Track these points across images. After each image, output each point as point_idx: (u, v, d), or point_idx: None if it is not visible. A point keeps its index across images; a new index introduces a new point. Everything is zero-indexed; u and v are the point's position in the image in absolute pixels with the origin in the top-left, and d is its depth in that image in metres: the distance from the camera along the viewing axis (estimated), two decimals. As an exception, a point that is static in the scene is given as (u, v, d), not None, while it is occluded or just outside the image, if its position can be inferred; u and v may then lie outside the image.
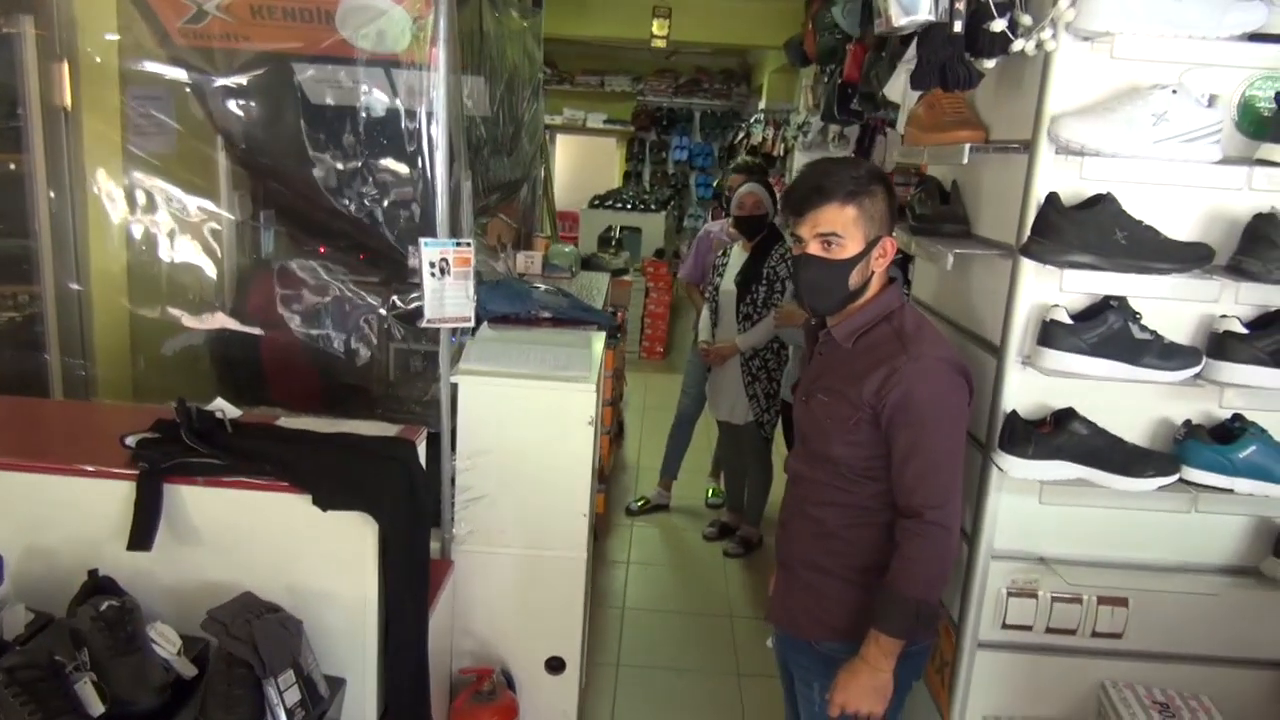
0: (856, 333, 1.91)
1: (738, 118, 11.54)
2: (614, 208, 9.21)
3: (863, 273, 1.87)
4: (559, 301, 3.33)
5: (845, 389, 1.88)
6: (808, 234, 1.86)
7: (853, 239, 1.84)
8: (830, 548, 1.97)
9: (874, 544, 1.91)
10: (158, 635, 1.69)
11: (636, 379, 6.92)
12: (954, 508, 1.83)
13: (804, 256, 1.88)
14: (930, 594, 1.83)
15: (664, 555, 4.50)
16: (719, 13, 7.87)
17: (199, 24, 2.86)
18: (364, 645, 1.91)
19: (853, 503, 1.93)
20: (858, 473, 1.90)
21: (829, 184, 1.83)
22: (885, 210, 1.87)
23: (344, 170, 2.94)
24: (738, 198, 4.13)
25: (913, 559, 1.81)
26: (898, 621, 1.81)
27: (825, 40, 4.93)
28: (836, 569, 1.97)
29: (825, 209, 1.83)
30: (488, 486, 2.67)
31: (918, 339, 1.85)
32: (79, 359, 3.25)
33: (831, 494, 1.95)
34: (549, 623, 2.80)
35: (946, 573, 1.86)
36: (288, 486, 1.81)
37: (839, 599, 1.96)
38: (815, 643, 2.01)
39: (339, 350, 3.12)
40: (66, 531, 1.84)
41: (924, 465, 1.81)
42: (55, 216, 3.24)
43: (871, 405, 1.83)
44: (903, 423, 1.81)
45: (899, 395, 1.80)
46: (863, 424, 1.86)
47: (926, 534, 1.80)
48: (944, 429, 1.83)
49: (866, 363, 1.86)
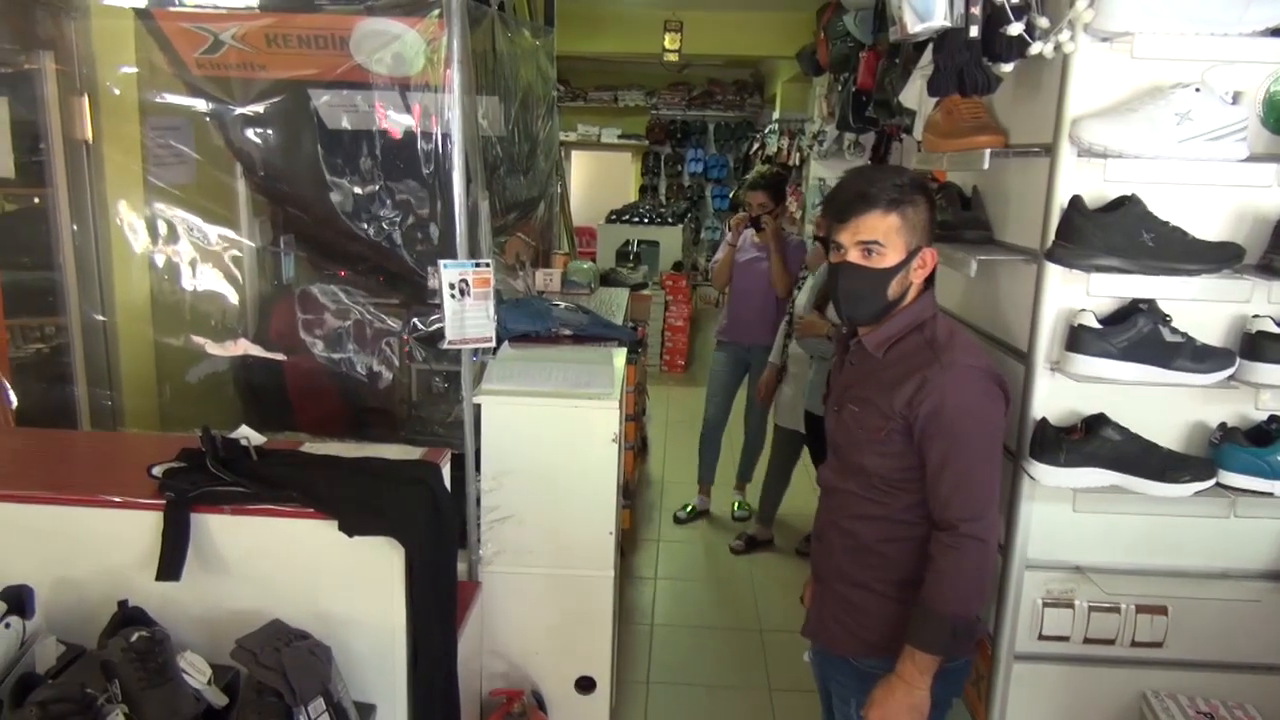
0: (888, 342, 1.87)
1: (752, 128, 11.56)
2: (631, 222, 9.22)
3: (902, 283, 1.84)
4: (579, 318, 3.33)
5: (876, 399, 1.84)
6: (848, 241, 1.83)
7: (894, 248, 1.80)
8: (865, 562, 1.93)
9: (910, 558, 1.86)
10: (188, 665, 1.69)
11: (658, 393, 6.91)
12: (990, 520, 1.78)
13: (843, 264, 1.85)
14: (966, 609, 1.78)
15: (691, 570, 4.47)
16: (730, 25, 7.88)
17: (215, 54, 2.89)
18: (393, 671, 1.90)
19: (887, 515, 1.89)
20: (891, 484, 1.87)
21: (873, 191, 1.79)
22: (927, 220, 1.84)
23: (362, 194, 2.96)
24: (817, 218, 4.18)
25: (947, 573, 1.76)
26: (933, 638, 1.76)
27: (838, 48, 4.93)
28: (872, 583, 1.92)
29: (868, 216, 1.80)
30: (513, 506, 2.66)
31: (950, 347, 1.80)
32: (105, 389, 3.28)
33: (865, 506, 1.91)
34: (578, 642, 2.78)
35: (984, 587, 1.82)
36: (314, 513, 1.81)
37: (875, 614, 1.92)
38: (852, 659, 1.97)
39: (361, 373, 3.14)
40: (95, 563, 1.85)
41: (958, 476, 1.77)
42: (79, 248, 3.28)
43: (903, 416, 1.79)
44: (935, 433, 1.77)
45: (931, 405, 1.76)
46: (894, 434, 1.82)
47: (961, 547, 1.75)
48: (978, 439, 1.78)
49: (898, 372, 1.82)
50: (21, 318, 3.21)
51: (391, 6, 2.65)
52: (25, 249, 3.28)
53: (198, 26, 2.83)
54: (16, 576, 1.76)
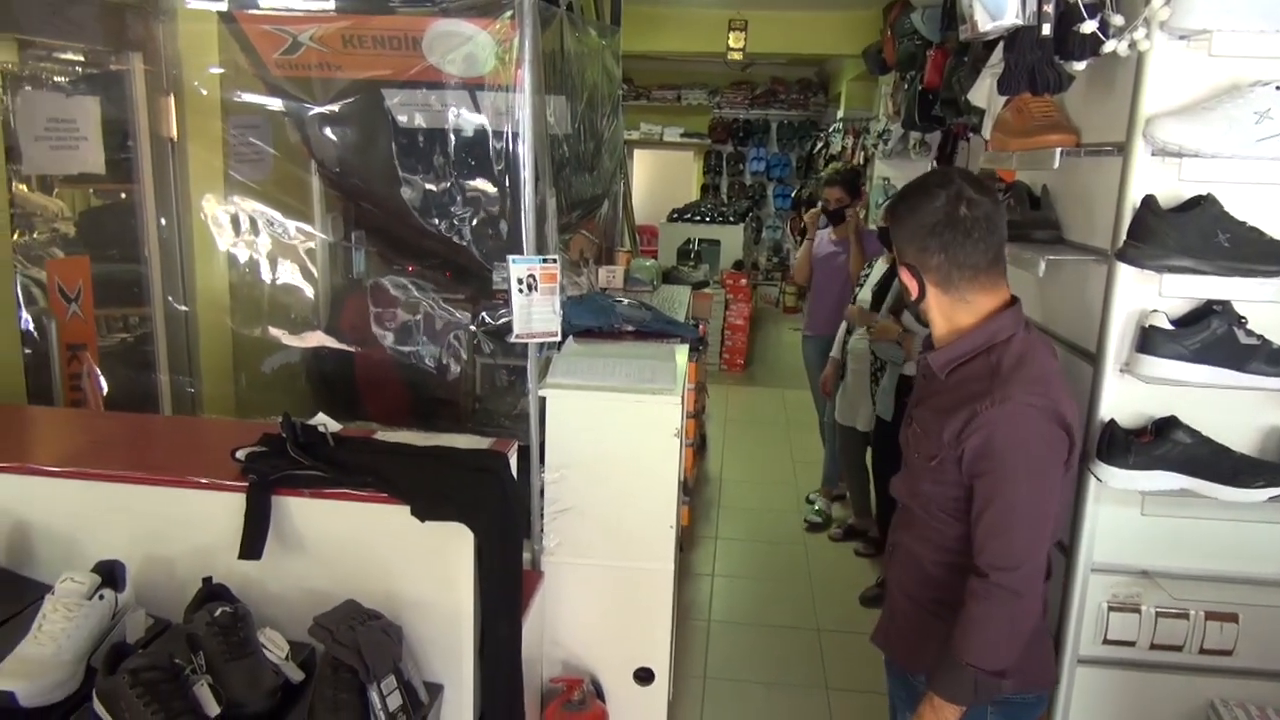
0: (953, 363, 1.76)
1: (815, 127, 11.49)
2: (692, 221, 9.24)
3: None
4: (642, 315, 3.36)
5: (932, 424, 1.75)
6: None
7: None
8: (923, 580, 1.86)
9: (963, 584, 1.75)
10: (267, 640, 1.76)
11: (717, 391, 6.92)
12: (1028, 571, 1.64)
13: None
14: (990, 663, 1.65)
15: (749, 568, 4.48)
16: (795, 24, 7.85)
17: (294, 54, 2.98)
18: (460, 653, 1.96)
19: (943, 543, 1.80)
20: (945, 511, 1.78)
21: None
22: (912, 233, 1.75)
23: (433, 190, 3.03)
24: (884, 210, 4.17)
25: (974, 621, 1.65)
26: (949, 685, 1.67)
27: (905, 47, 4.89)
28: (927, 603, 1.86)
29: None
30: (576, 499, 2.71)
31: (1010, 380, 1.65)
32: (186, 376, 3.42)
33: (924, 528, 1.84)
34: (637, 634, 2.82)
35: (1014, 642, 1.67)
36: (387, 498, 1.87)
37: (930, 634, 1.83)
38: (911, 674, 1.93)
39: (428, 365, 3.21)
40: (182, 541, 1.94)
41: (996, 522, 1.64)
42: (164, 241, 3.42)
43: (952, 447, 1.69)
44: (980, 472, 1.66)
45: (978, 442, 1.65)
46: (947, 464, 1.72)
47: (991, 597, 1.63)
48: (1025, 484, 1.64)
49: (953, 399, 1.71)
50: (109, 308, 3.36)
51: (465, 8, 2.71)
52: (113, 242, 3.43)
53: (278, 28, 2.93)
54: (109, 552, 1.86)
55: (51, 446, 2.22)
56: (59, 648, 1.64)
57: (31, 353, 2.83)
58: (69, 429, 2.45)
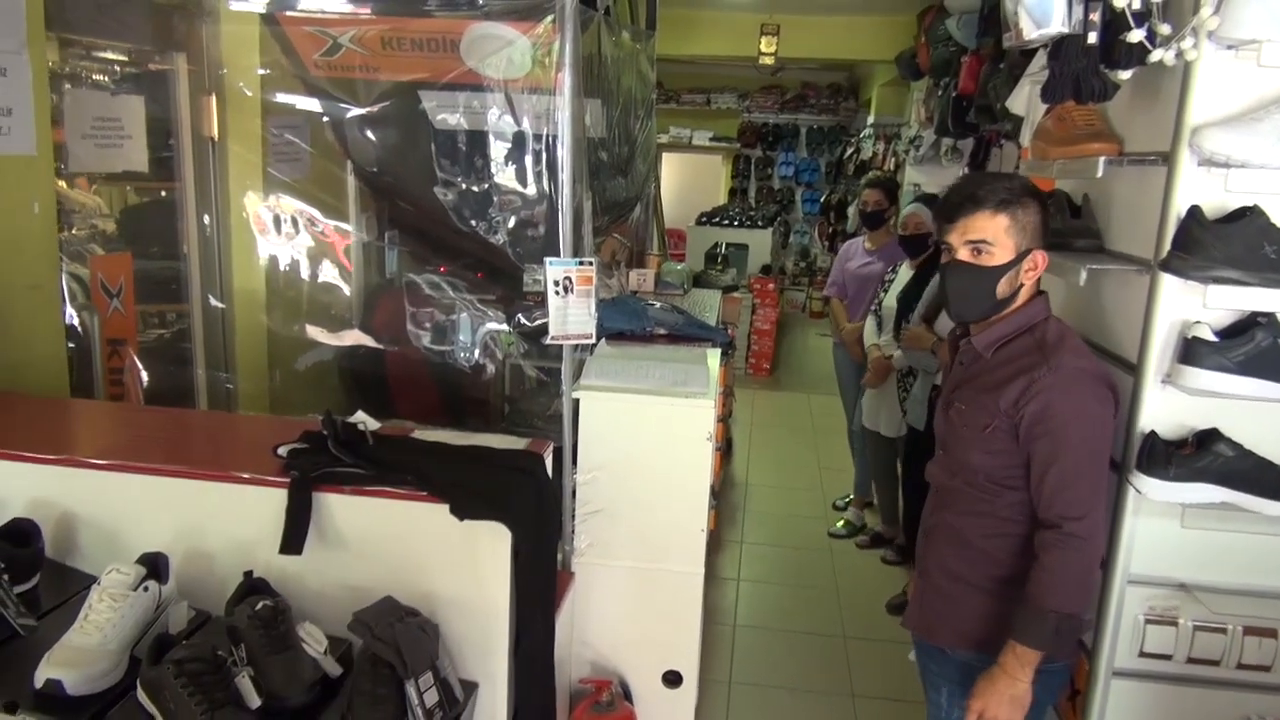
0: (997, 343, 1.92)
1: (845, 132, 11.45)
2: (720, 224, 9.24)
3: (1011, 282, 1.88)
4: (674, 318, 3.37)
5: (983, 398, 1.89)
6: (957, 241, 1.89)
7: (1003, 247, 1.85)
8: (968, 556, 1.97)
9: (1012, 555, 1.90)
10: (307, 635, 1.78)
11: (744, 396, 6.90)
12: (1094, 520, 1.81)
13: (952, 263, 1.91)
14: (1069, 605, 1.80)
15: (775, 574, 4.48)
16: (828, 29, 7.83)
17: (333, 56, 3.01)
18: (495, 652, 1.97)
19: (991, 512, 1.92)
20: (995, 482, 1.90)
21: (982, 193, 1.85)
22: (1038, 223, 1.88)
23: (470, 192, 3.06)
24: (902, 218, 4.14)
25: (1051, 570, 1.79)
26: (1036, 633, 1.79)
27: (939, 53, 4.87)
28: (974, 578, 1.97)
29: (976, 216, 1.85)
30: (607, 500, 2.72)
31: (1059, 349, 1.83)
32: (222, 372, 3.46)
33: (970, 503, 1.96)
34: (666, 637, 2.83)
35: (1088, 585, 1.85)
36: (426, 496, 1.89)
37: (975, 608, 1.96)
38: (949, 650, 2.02)
39: (461, 365, 3.23)
40: (224, 535, 1.97)
41: (1063, 476, 1.79)
42: (204, 239, 3.47)
43: (1009, 416, 1.83)
44: (1041, 434, 1.80)
45: (1038, 406, 1.80)
46: (999, 433, 1.85)
47: (1065, 544, 1.78)
48: (1085, 440, 1.80)
49: (1005, 373, 1.86)
50: (149, 304, 3.41)
51: (505, 11, 2.73)
52: (154, 239, 3.49)
53: (319, 30, 2.96)
54: (152, 544, 1.89)
55: (95, 439, 2.26)
56: (105, 637, 1.67)
57: (75, 347, 2.88)
58: (111, 422, 2.50)
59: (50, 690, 1.58)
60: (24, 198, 2.49)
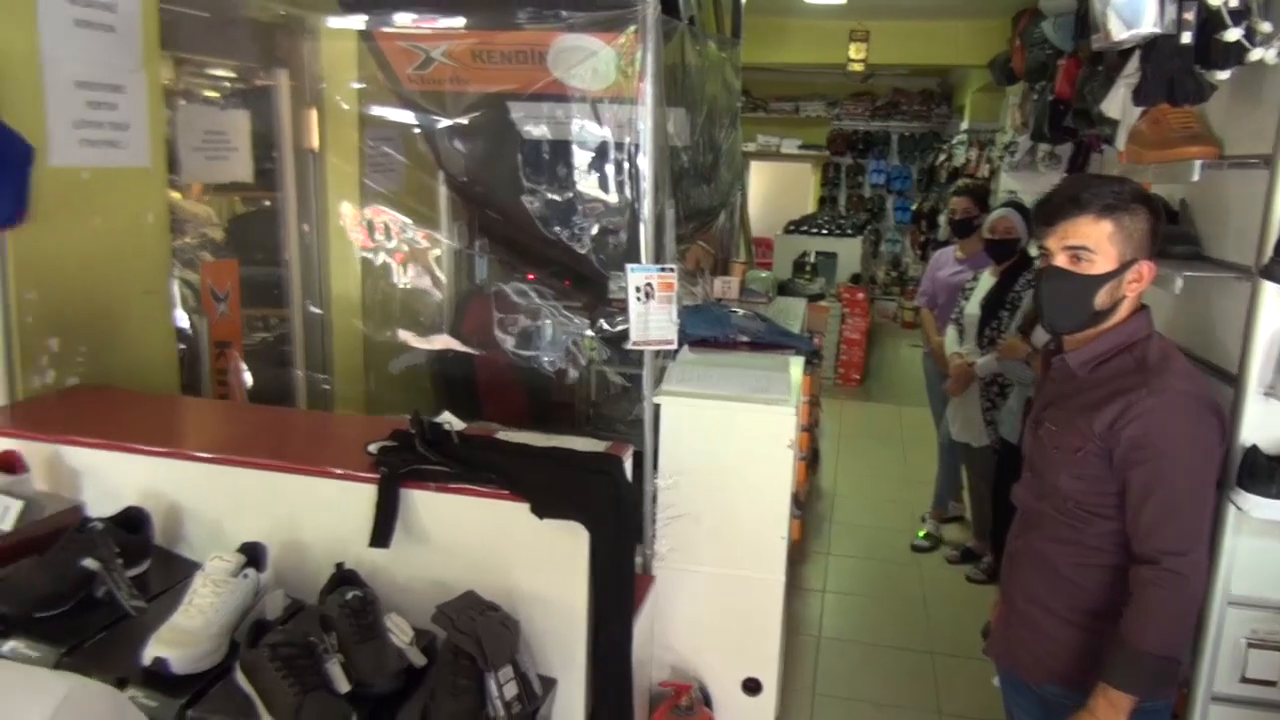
0: (1094, 361, 1.79)
1: (938, 139, 11.23)
2: (809, 233, 9.17)
3: (1112, 294, 1.75)
4: (757, 325, 3.37)
5: (1076, 420, 1.77)
6: (1055, 246, 1.77)
7: (1105, 255, 1.72)
8: (1055, 586, 1.86)
9: (1102, 587, 1.79)
10: (393, 625, 1.85)
11: (832, 406, 6.83)
12: (1196, 556, 1.69)
13: (1048, 269, 1.79)
14: (1167, 648, 1.68)
15: (861, 586, 4.42)
16: (919, 34, 7.71)
17: (426, 70, 3.12)
18: (573, 649, 2.01)
19: (1081, 540, 1.81)
20: (1086, 509, 1.79)
21: (1086, 195, 1.72)
22: (1146, 232, 1.74)
23: (555, 200, 3.12)
24: (990, 221, 4.06)
25: (1148, 609, 1.67)
26: (1130, 677, 1.68)
27: (1035, 56, 4.74)
28: (1060, 609, 1.86)
29: (1078, 220, 1.73)
30: (688, 505, 2.74)
31: (1162, 371, 1.71)
32: (321, 374, 3.61)
33: (1058, 529, 1.84)
34: (746, 643, 2.82)
35: (1187, 626, 1.74)
36: (508, 495, 1.94)
37: (1062, 641, 1.85)
38: (1034, 685, 1.92)
39: (547, 370, 3.30)
40: (317, 528, 2.05)
41: (1163, 508, 1.68)
42: (304, 247, 3.63)
43: (1104, 440, 1.71)
44: (1139, 461, 1.69)
45: (1136, 431, 1.68)
46: (1092, 458, 1.74)
47: (1164, 582, 1.66)
48: (1188, 470, 1.69)
49: (1102, 394, 1.74)
50: (252, 308, 3.58)
51: (590, 23, 2.78)
52: (258, 246, 3.66)
53: (412, 45, 3.07)
54: (252, 535, 1.99)
55: (202, 435, 2.38)
56: (207, 621, 1.76)
57: (184, 348, 3.04)
58: (217, 419, 2.63)
59: (156, 668, 1.67)
60: (139, 208, 2.64)
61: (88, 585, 1.84)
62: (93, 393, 2.47)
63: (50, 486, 2.13)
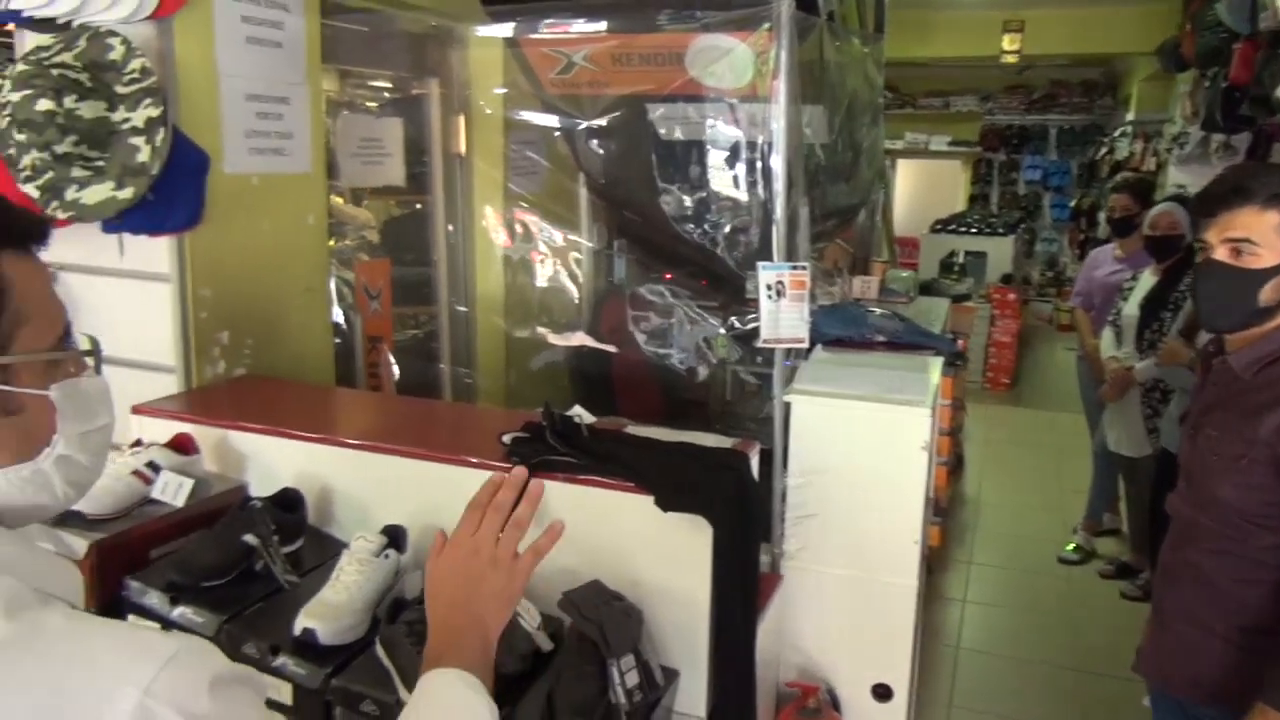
0: (1260, 362, 1.68)
1: (1100, 132, 10.64)
2: (957, 232, 8.87)
3: (1277, 290, 1.65)
4: (894, 325, 3.30)
5: (1239, 425, 1.67)
6: (1215, 238, 1.68)
7: (1270, 249, 1.63)
8: (1213, 601, 1.76)
9: (1264, 603, 1.68)
10: (523, 610, 1.91)
11: (978, 411, 6.58)
12: None
13: (1207, 262, 1.70)
14: None
15: (1004, 597, 4.25)
16: (1077, 21, 7.31)
17: (568, 74, 3.20)
18: (696, 643, 2.02)
19: (1242, 554, 1.71)
20: (1249, 520, 1.68)
21: (1252, 185, 1.63)
22: None
23: (689, 200, 3.15)
24: (1151, 217, 3.84)
25: None
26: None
27: (1207, 40, 4.47)
28: (1217, 626, 1.75)
29: (1241, 212, 1.64)
30: (818, 505, 2.70)
31: None
32: (465, 369, 3.77)
33: (1218, 541, 1.74)
34: (876, 648, 2.76)
35: None
36: (634, 487, 1.97)
37: (1218, 659, 1.75)
38: (1186, 703, 1.82)
39: (680, 368, 3.33)
40: (454, 513, 2.11)
41: None
42: (451, 248, 3.80)
43: (1270, 446, 1.62)
44: None
45: None
46: (1256, 465, 1.64)
47: None
48: None
49: (1267, 397, 1.65)
50: (402, 306, 3.78)
51: (725, 22, 2.80)
52: (409, 247, 3.86)
53: (555, 50, 3.16)
54: (394, 517, 2.10)
55: (353, 423, 2.53)
56: (352, 596, 1.87)
57: (340, 343, 3.24)
58: (367, 409, 2.79)
59: (305, 638, 1.79)
60: (301, 211, 2.83)
61: (248, 559, 1.99)
62: (257, 382, 2.66)
63: (218, 467, 2.32)
